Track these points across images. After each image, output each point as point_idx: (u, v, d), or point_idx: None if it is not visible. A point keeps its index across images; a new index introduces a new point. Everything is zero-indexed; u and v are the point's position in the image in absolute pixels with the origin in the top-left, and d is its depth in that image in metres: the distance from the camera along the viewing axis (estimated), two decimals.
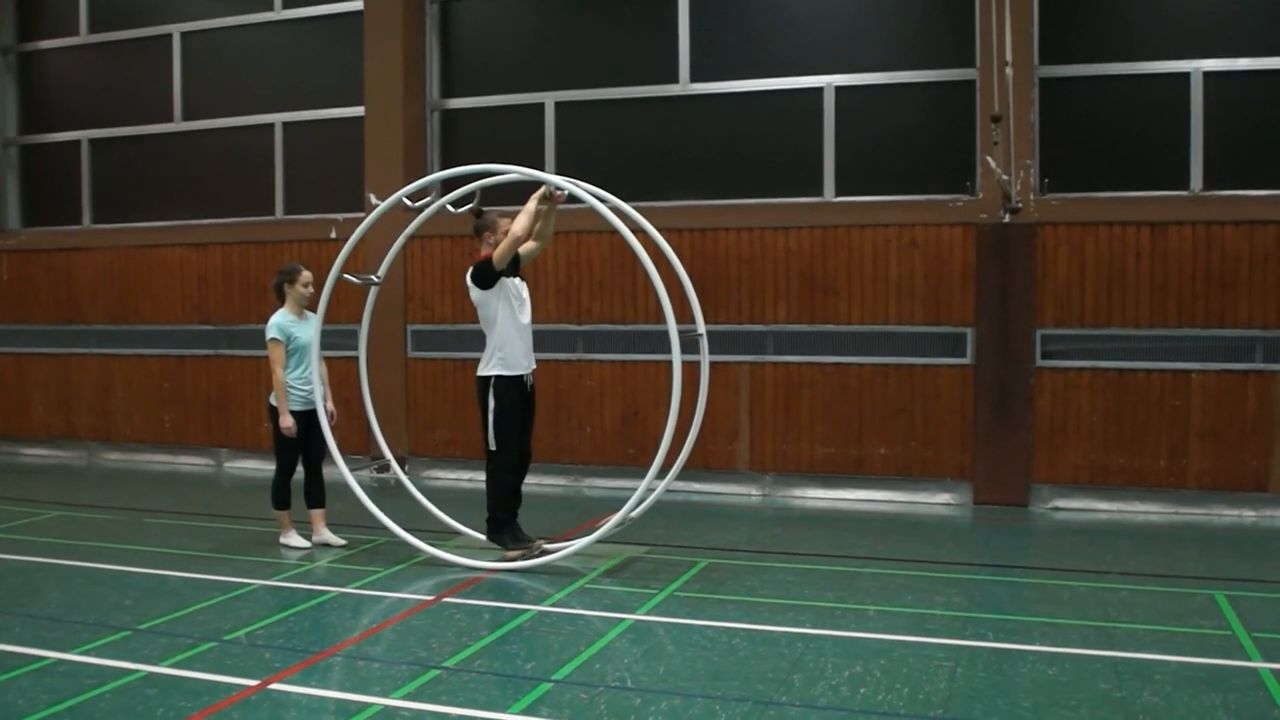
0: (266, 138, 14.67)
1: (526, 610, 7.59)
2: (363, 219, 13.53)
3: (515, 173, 9.05)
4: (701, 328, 9.27)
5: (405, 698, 5.82)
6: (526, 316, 9.06)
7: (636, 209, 12.70)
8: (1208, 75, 11.40)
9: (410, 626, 7.23)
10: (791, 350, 12.21)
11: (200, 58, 15.07)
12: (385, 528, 9.26)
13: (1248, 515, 11.17)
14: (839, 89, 12.40)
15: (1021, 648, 6.84)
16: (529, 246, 9.13)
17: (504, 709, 5.66)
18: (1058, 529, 10.91)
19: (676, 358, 8.34)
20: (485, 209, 9.35)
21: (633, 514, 8.77)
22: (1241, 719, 5.61)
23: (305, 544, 9.58)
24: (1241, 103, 11.45)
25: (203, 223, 14.88)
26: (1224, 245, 11.18)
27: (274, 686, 5.97)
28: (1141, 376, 11.37)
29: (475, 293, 8.94)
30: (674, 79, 12.98)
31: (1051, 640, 6.98)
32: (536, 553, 8.80)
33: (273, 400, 9.57)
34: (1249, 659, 6.59)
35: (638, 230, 9.06)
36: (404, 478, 10.02)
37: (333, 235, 13.87)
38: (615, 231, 12.74)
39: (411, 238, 13.19)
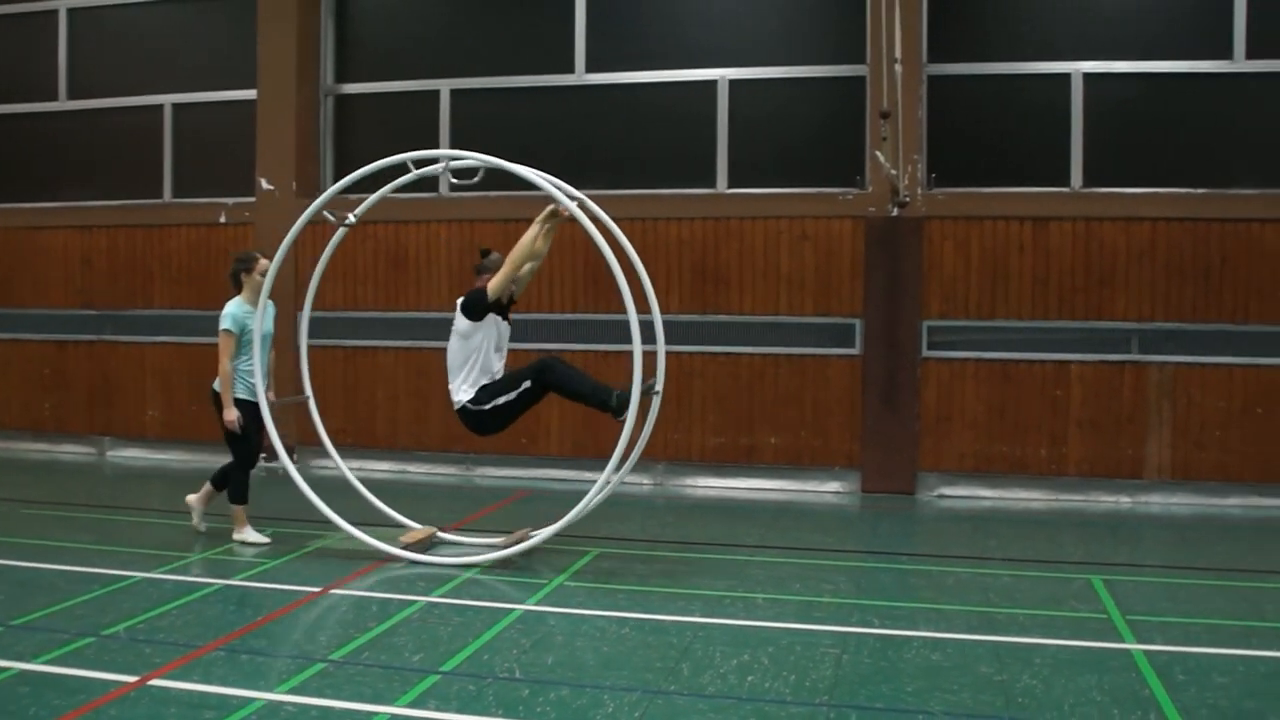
0: (155, 118, 14.34)
1: (415, 601, 7.54)
2: (253, 203, 13.47)
3: (539, 183, 8.60)
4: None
5: (289, 692, 5.75)
6: (500, 364, 8.76)
7: (529, 197, 12.71)
8: (1088, 76, 11.74)
9: (296, 619, 7.15)
10: (683, 340, 12.26)
11: (87, 35, 14.69)
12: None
13: (1124, 501, 11.51)
14: (732, 82, 12.50)
15: (906, 633, 6.96)
16: (525, 267, 8.78)
17: (390, 702, 5.62)
18: (943, 516, 11.13)
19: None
20: (492, 250, 8.99)
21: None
22: (1115, 699, 5.76)
23: (264, 540, 9.20)
24: (1119, 103, 11.80)
25: (87, 204, 14.50)
26: (1102, 240, 11.49)
27: (154, 682, 5.85)
28: (1023, 367, 11.65)
29: (462, 323, 8.59)
30: (570, 69, 12.97)
31: (935, 626, 7.12)
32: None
33: (217, 386, 9.19)
34: (1123, 641, 6.79)
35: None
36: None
37: (222, 220, 13.66)
38: (507, 220, 12.80)
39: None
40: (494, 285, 8.49)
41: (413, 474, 13.00)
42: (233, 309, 9.18)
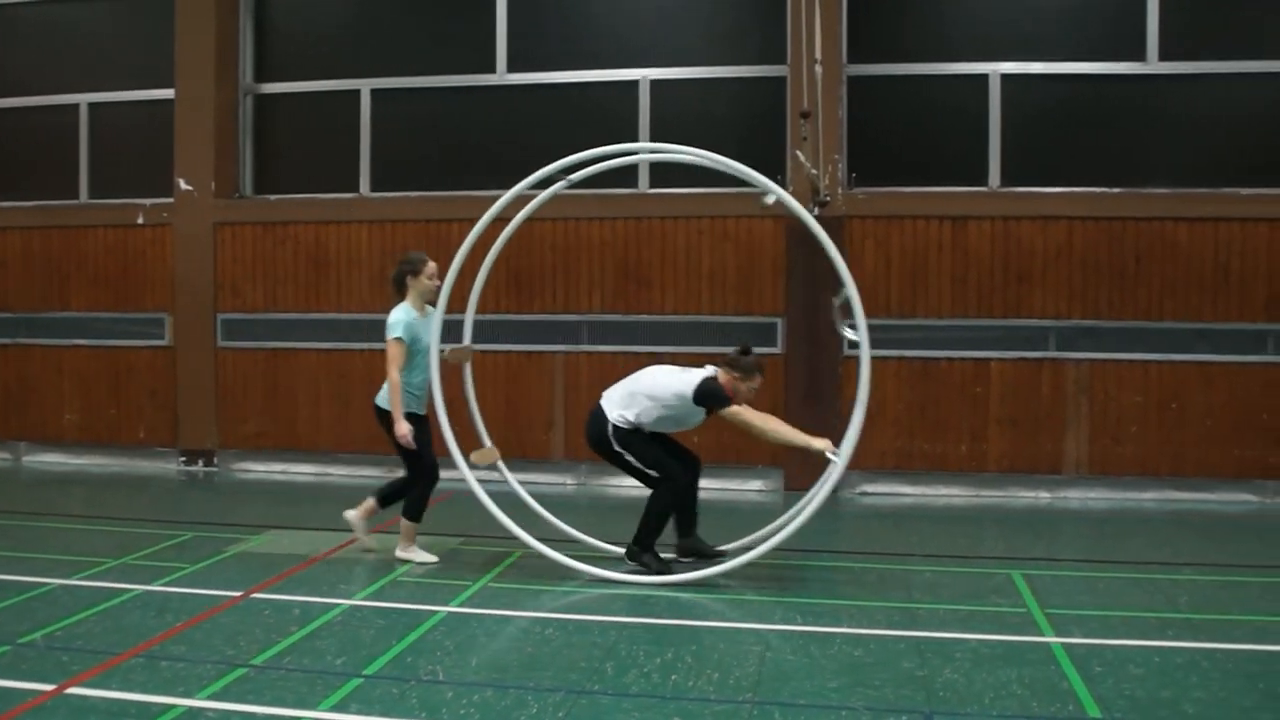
0: (71, 118, 14.04)
1: (338, 605, 7.48)
2: (171, 204, 13.27)
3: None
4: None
5: (210, 698, 5.68)
6: (665, 430, 8.45)
7: (451, 198, 12.71)
8: (1005, 77, 11.92)
9: (217, 624, 7.05)
10: (606, 340, 12.29)
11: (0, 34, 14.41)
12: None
13: (1043, 496, 11.69)
14: (654, 82, 12.54)
15: (829, 630, 7.02)
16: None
17: (313, 706, 5.57)
18: (865, 513, 11.23)
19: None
20: (752, 350, 8.48)
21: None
22: (1035, 692, 5.85)
23: (432, 559, 8.70)
24: (1036, 104, 12.00)
25: (1, 205, 14.18)
26: (1020, 239, 11.67)
27: (71, 691, 5.75)
28: (944, 365, 11.79)
29: (689, 388, 8.21)
30: (491, 68, 12.93)
31: (858, 622, 7.19)
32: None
33: (381, 403, 8.62)
34: (1042, 634, 6.89)
35: None
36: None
37: (140, 221, 13.44)
38: (429, 221, 12.70)
39: (222, 225, 12.98)
40: (729, 414, 8.12)
41: (335, 476, 12.89)
42: (402, 315, 8.49)
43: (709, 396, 8.19)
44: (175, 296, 13.33)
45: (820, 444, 8.12)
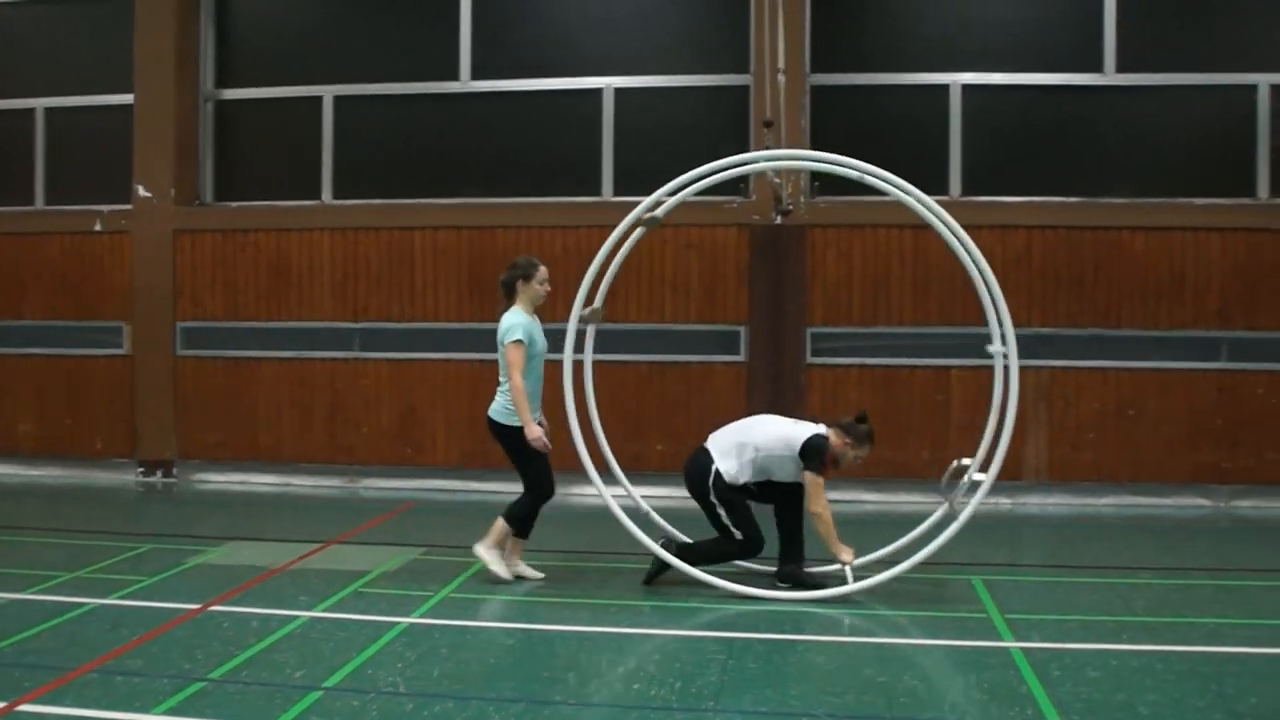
0: (26, 123, 13.90)
1: (297, 616, 7.41)
2: (130, 211, 13.16)
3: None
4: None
5: (167, 713, 5.61)
6: (758, 480, 8.42)
7: (415, 205, 12.68)
8: (966, 88, 12.02)
9: (174, 637, 6.98)
10: None
11: None
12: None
13: (1003, 502, 11.75)
14: (618, 90, 12.55)
15: (791, 638, 7.06)
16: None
17: (272, 719, 5.54)
18: None
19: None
20: (868, 418, 8.42)
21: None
22: (994, 696, 5.89)
23: (507, 576, 8.36)
24: (996, 114, 12.10)
25: None
26: (979, 248, 11.69)
27: (23, 707, 5.67)
28: (905, 372, 11.85)
29: (793, 446, 8.19)
30: (455, 76, 12.91)
31: (820, 629, 7.23)
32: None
33: (496, 415, 8.42)
34: (1001, 639, 6.94)
35: None
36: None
37: (97, 227, 13.32)
38: (391, 229, 12.66)
39: (181, 232, 12.88)
40: (811, 478, 8.15)
41: (296, 487, 12.81)
42: (519, 319, 8.30)
43: (814, 452, 8.16)
44: (134, 305, 13.21)
45: (846, 556, 8.22)
